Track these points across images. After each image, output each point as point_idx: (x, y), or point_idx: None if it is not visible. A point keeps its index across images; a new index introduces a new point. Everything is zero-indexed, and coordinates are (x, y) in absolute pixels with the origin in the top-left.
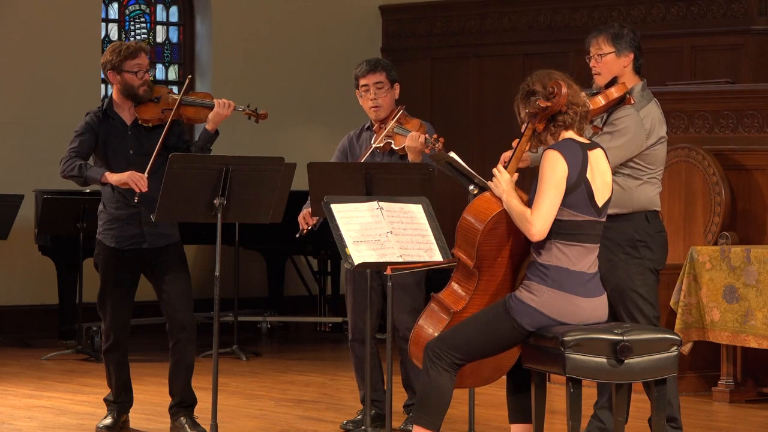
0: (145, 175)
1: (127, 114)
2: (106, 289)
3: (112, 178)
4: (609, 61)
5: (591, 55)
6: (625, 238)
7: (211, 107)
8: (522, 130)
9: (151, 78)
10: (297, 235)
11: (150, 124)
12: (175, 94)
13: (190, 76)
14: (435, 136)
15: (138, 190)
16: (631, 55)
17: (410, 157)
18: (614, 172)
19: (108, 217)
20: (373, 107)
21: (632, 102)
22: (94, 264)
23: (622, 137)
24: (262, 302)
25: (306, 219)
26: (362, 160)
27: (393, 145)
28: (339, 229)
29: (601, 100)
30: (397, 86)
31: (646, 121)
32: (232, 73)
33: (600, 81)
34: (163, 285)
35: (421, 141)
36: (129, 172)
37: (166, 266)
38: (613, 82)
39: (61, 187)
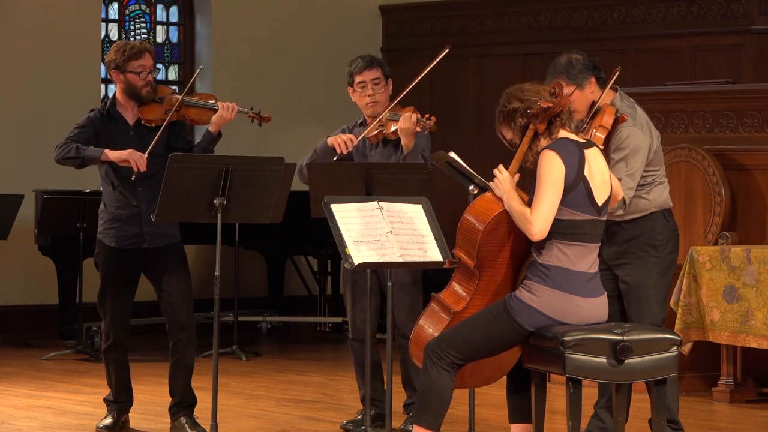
0: (146, 155)
1: (130, 114)
2: (106, 288)
3: (113, 154)
4: (577, 98)
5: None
6: (645, 237)
7: (215, 110)
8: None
9: (155, 78)
10: (335, 159)
11: (153, 125)
12: (179, 95)
13: (201, 66)
14: (427, 115)
15: (136, 169)
16: (592, 78)
17: (404, 141)
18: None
19: (108, 217)
20: (370, 103)
21: (626, 119)
22: (94, 263)
23: (636, 156)
24: (262, 302)
25: (347, 142)
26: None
27: (385, 131)
28: (339, 229)
29: (601, 136)
30: (390, 82)
31: (644, 130)
32: (232, 73)
33: (579, 116)
34: (163, 285)
35: (413, 120)
36: (129, 150)
37: (166, 266)
38: (593, 107)
39: (61, 187)
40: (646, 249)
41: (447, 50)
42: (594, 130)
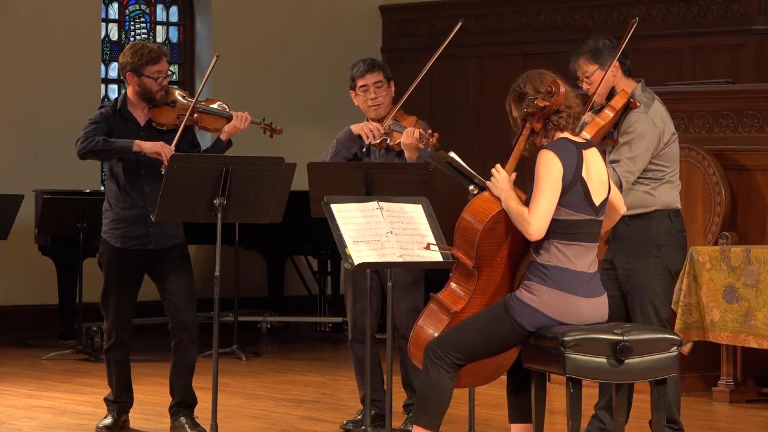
0: (173, 147)
1: (140, 114)
2: (109, 288)
3: (146, 146)
4: (597, 78)
5: (579, 78)
6: (648, 236)
7: (229, 118)
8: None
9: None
10: (363, 149)
11: (164, 128)
12: (189, 98)
13: (218, 55)
14: (430, 131)
15: (167, 163)
16: (616, 63)
17: (407, 154)
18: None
19: (114, 217)
20: (373, 105)
21: (638, 105)
22: (98, 263)
23: (641, 142)
24: (262, 302)
25: (373, 131)
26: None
27: (389, 142)
28: (339, 229)
29: (609, 114)
30: (392, 84)
31: (657, 120)
32: (232, 73)
33: (599, 99)
34: (167, 285)
35: (416, 136)
36: (161, 142)
37: (170, 266)
38: (612, 93)
39: (61, 187)
40: (649, 249)
41: (460, 24)
42: (605, 110)
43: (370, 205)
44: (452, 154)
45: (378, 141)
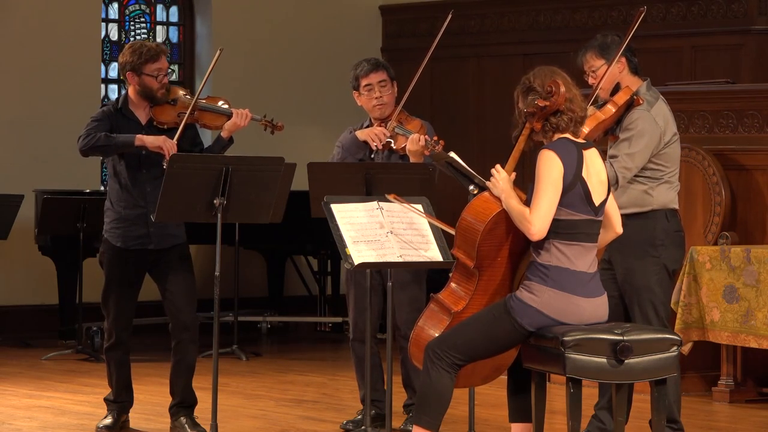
0: (175, 141)
1: (142, 113)
2: (110, 287)
3: (147, 140)
4: (604, 73)
5: (586, 72)
6: (644, 236)
7: (229, 116)
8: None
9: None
10: (371, 156)
11: (165, 127)
12: (190, 96)
13: (222, 48)
14: (435, 138)
15: (168, 158)
16: (623, 59)
17: (411, 160)
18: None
19: (115, 216)
20: (378, 105)
21: (641, 102)
22: (99, 262)
23: (641, 139)
24: (262, 302)
25: (379, 135)
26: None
27: (393, 145)
28: (339, 229)
29: (611, 109)
30: (395, 84)
31: (659, 119)
32: (232, 73)
33: (603, 94)
34: (167, 285)
35: (421, 144)
36: (163, 136)
37: (171, 266)
38: (617, 89)
39: (61, 187)
40: (646, 248)
41: (450, 17)
42: (608, 105)
43: (370, 205)
44: (452, 154)
45: (383, 143)
